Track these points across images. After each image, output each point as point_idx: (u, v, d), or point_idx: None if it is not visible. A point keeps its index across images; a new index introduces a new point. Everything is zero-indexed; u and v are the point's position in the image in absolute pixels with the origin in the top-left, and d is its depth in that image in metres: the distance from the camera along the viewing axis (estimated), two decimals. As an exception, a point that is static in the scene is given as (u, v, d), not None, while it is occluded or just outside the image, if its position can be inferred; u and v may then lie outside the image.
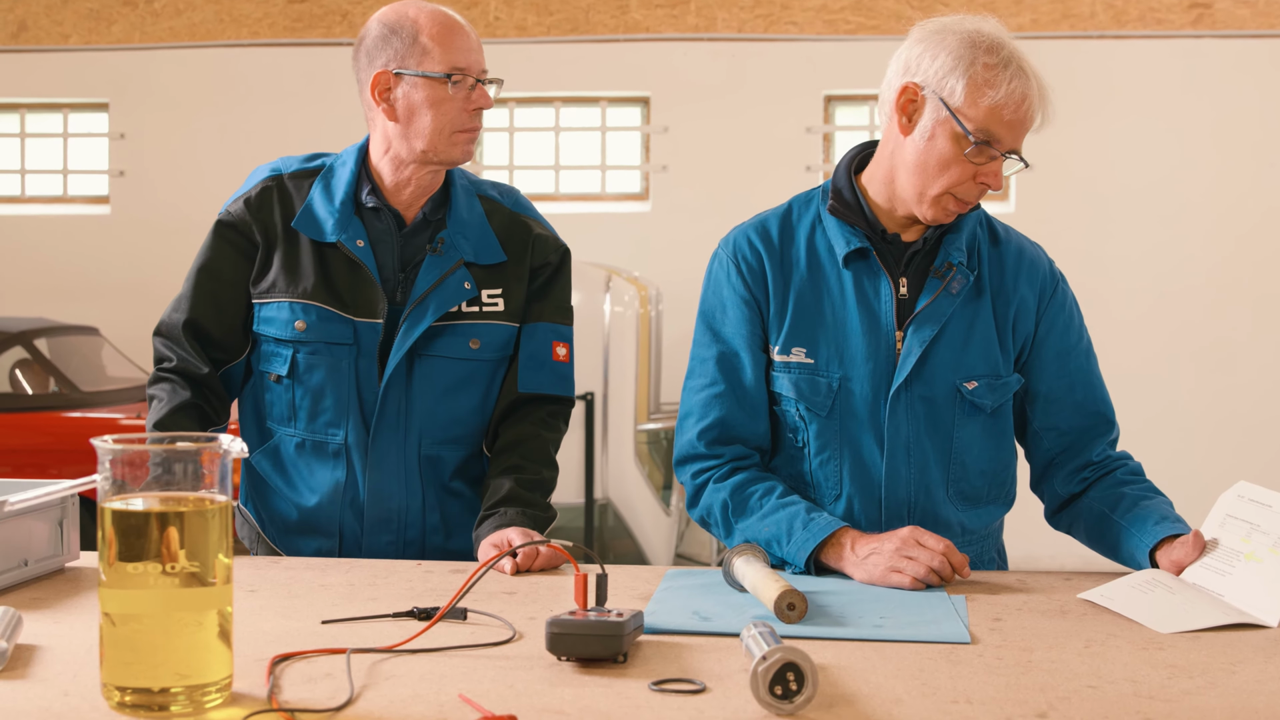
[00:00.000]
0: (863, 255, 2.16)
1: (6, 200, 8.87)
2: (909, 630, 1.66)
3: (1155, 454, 7.72)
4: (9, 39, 8.64)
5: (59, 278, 8.47)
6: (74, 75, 8.67)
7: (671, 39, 8.48)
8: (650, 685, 1.41)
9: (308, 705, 1.35)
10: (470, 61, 2.22)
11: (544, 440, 2.33)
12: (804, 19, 8.30)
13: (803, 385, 2.15)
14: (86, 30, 8.62)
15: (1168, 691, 1.41)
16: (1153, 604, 1.77)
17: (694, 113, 8.40)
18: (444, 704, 1.35)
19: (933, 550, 1.93)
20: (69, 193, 8.86)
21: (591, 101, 8.67)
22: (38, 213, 8.75)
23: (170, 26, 8.60)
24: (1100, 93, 8.09)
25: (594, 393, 6.54)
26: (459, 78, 2.20)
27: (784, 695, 1.32)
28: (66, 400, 6.34)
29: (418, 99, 2.21)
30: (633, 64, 8.49)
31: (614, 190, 8.70)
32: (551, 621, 1.50)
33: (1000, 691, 1.40)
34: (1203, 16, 8.05)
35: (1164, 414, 7.98)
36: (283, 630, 1.68)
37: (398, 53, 2.21)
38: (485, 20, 8.51)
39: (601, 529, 7.09)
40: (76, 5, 8.61)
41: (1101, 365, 2.28)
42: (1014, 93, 2.00)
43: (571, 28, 8.53)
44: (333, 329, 2.26)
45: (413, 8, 2.23)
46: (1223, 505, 1.91)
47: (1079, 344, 2.25)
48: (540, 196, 8.65)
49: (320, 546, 2.33)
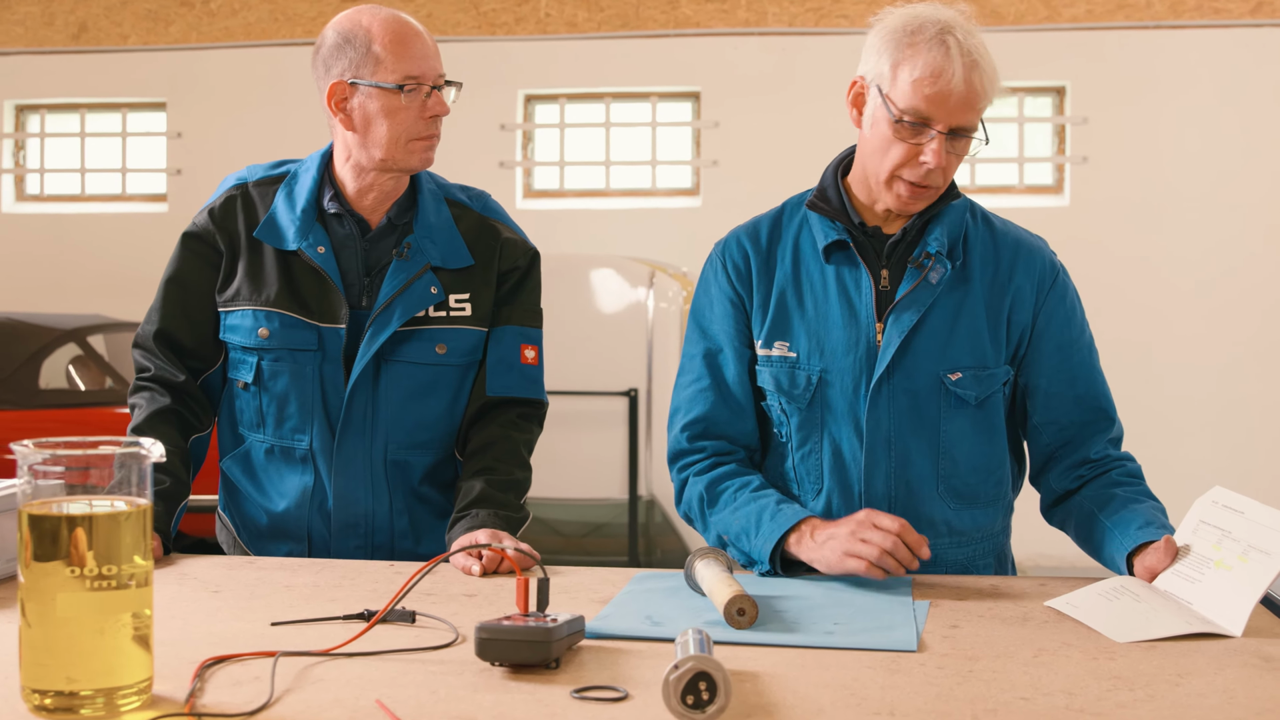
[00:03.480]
0: (843, 248, 2.15)
1: (67, 199, 9.03)
2: (858, 638, 1.63)
3: (1215, 454, 7.62)
4: (70, 40, 8.78)
5: (117, 275, 8.59)
6: (132, 75, 8.80)
7: (722, 34, 8.45)
8: (572, 693, 1.40)
9: (224, 709, 1.35)
10: (424, 69, 2.21)
11: (515, 442, 2.32)
12: (855, 12, 8.22)
13: (782, 378, 2.15)
14: (145, 31, 8.74)
15: (1102, 704, 1.37)
16: (1116, 612, 1.73)
17: (745, 107, 8.36)
18: (360, 709, 1.35)
19: (886, 531, 1.89)
20: (127, 191, 8.99)
21: (642, 97, 8.65)
22: (97, 211, 8.89)
23: (226, 26, 8.70)
24: (1156, 85, 7.95)
25: (637, 389, 6.52)
26: (412, 87, 2.20)
27: (696, 705, 1.30)
28: (120, 396, 6.43)
29: (373, 109, 2.21)
30: (683, 59, 8.47)
31: (664, 186, 8.68)
32: (480, 627, 1.49)
33: (928, 702, 1.37)
34: (1263, 5, 7.87)
35: (1225, 416, 7.83)
36: (233, 632, 1.68)
37: (352, 62, 2.21)
38: (536, 17, 8.52)
39: (647, 525, 7.07)
40: (135, 6, 8.73)
41: (1156, 364, 2.26)
42: (930, 65, 2.00)
43: (622, 23, 8.52)
44: (296, 335, 2.27)
45: (367, 15, 2.23)
46: (1197, 511, 1.86)
47: (1080, 338, 2.21)
48: (591, 192, 8.66)
49: (290, 551, 2.34)
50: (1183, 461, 7.73)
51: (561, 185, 8.74)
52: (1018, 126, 8.34)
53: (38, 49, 8.82)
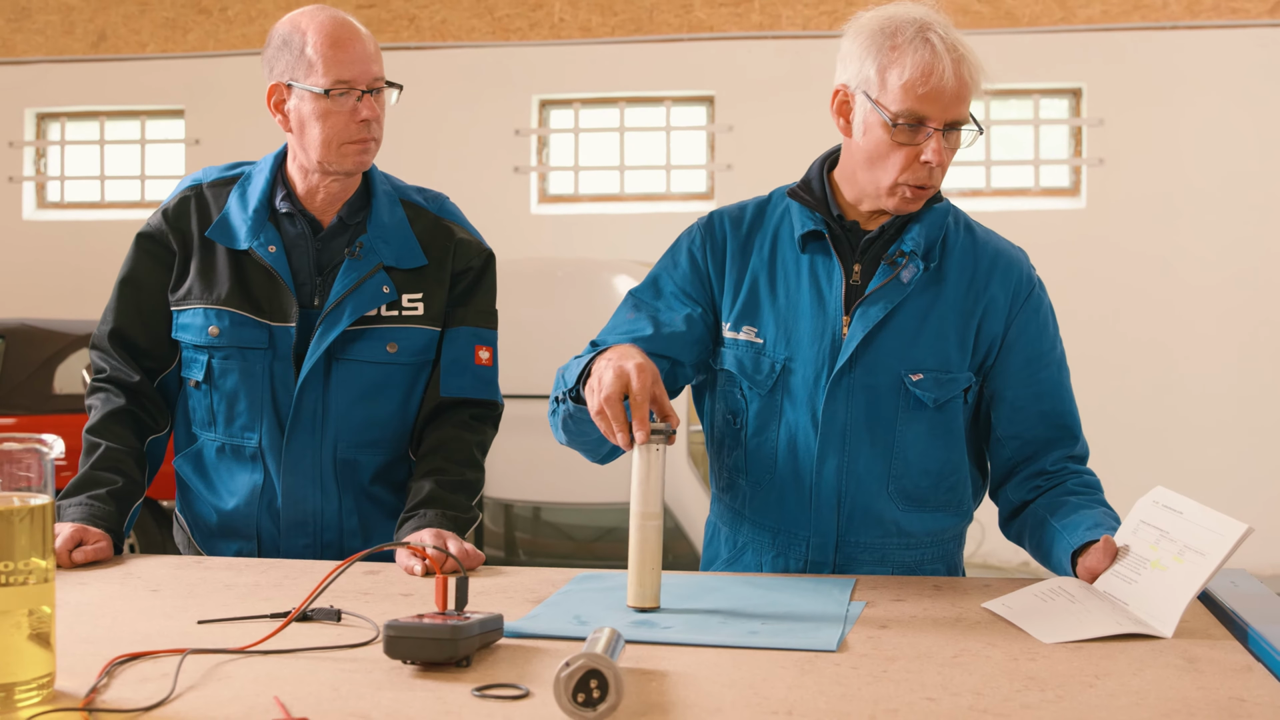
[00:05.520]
0: (818, 238, 2.14)
1: (86, 205, 9.11)
2: (779, 639, 1.61)
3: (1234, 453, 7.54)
4: (89, 48, 8.86)
5: (136, 281, 8.61)
6: (151, 83, 8.87)
7: (735, 37, 8.44)
8: (473, 690, 1.39)
9: (123, 705, 1.34)
10: (355, 73, 2.21)
11: (467, 442, 2.32)
12: (869, 15, 8.18)
13: (746, 362, 2.14)
14: (163, 39, 8.81)
15: (1008, 704, 1.35)
16: (1048, 613, 1.71)
17: (758, 111, 8.34)
18: (257, 705, 1.34)
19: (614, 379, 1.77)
20: (146, 198, 9.06)
21: (656, 101, 8.65)
22: (116, 217, 8.96)
23: (243, 34, 8.76)
24: (1173, 86, 7.89)
25: (649, 394, 6.50)
26: (341, 91, 2.20)
27: (586, 703, 1.29)
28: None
29: (306, 111, 2.22)
30: (697, 63, 8.46)
31: (679, 190, 8.68)
32: (388, 625, 1.48)
33: (830, 703, 1.35)
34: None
35: (1243, 415, 7.75)
36: (159, 630, 1.67)
37: (288, 65, 2.22)
38: (550, 22, 8.53)
39: (659, 530, 7.06)
40: (153, 14, 8.80)
41: (1175, 366, 2.23)
42: (919, 65, 1.97)
43: (635, 28, 8.52)
44: (246, 334, 2.27)
45: (306, 17, 2.23)
46: (1138, 511, 1.84)
47: (1050, 353, 2.18)
48: (605, 197, 8.66)
49: (240, 549, 2.34)
50: (1202, 461, 7.66)
51: (576, 190, 8.75)
52: (1034, 129, 8.29)
53: (58, 57, 8.90)
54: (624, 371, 1.77)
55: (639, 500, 1.77)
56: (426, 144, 8.48)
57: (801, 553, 2.13)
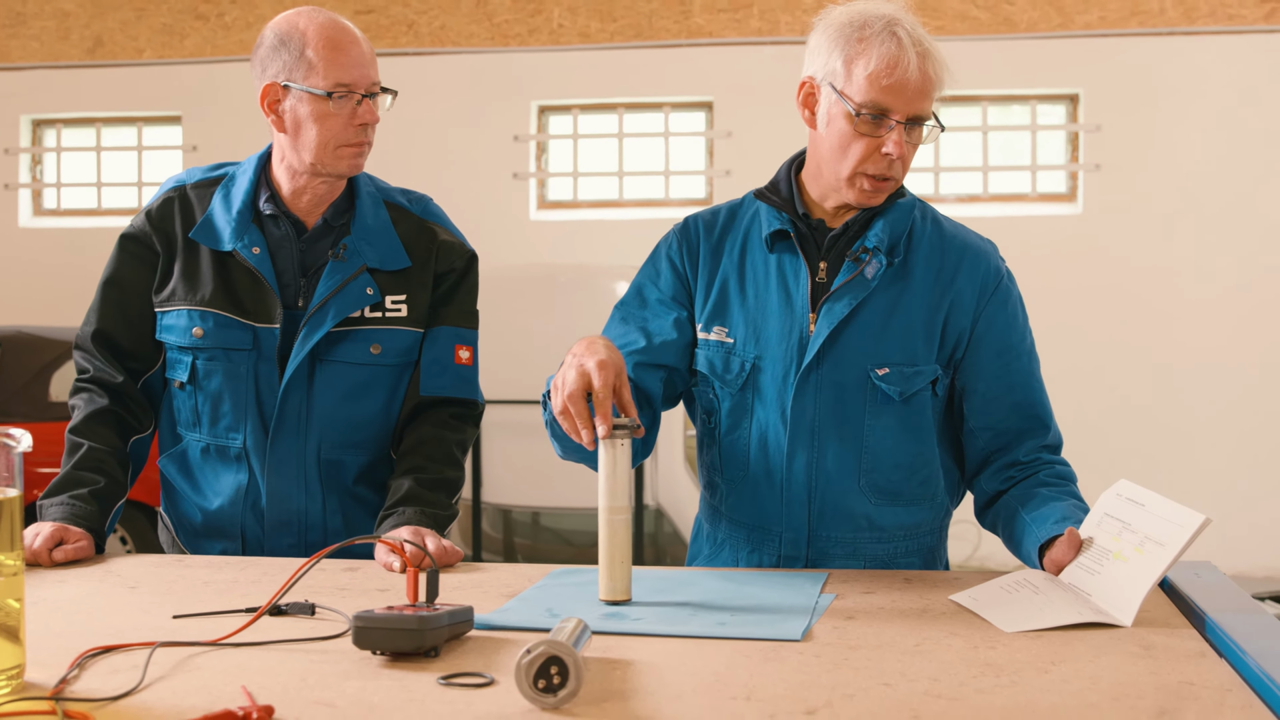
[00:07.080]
0: (784, 238, 2.18)
1: (83, 213, 9.12)
2: (745, 629, 1.63)
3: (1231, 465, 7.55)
4: (85, 54, 8.88)
5: (135, 288, 8.64)
6: (148, 89, 8.88)
7: (734, 43, 8.46)
8: (438, 679, 1.41)
9: (91, 695, 1.36)
10: (355, 77, 2.22)
11: (446, 441, 2.34)
12: (864, 20, 8.20)
13: (717, 362, 2.18)
14: (160, 45, 8.84)
15: (961, 690, 1.37)
16: (1012, 604, 1.73)
17: (758, 117, 8.35)
18: (224, 695, 1.36)
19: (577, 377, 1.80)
20: (142, 205, 9.06)
21: (655, 107, 8.67)
22: (113, 225, 8.96)
23: (241, 39, 8.78)
24: (1169, 91, 7.90)
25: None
26: (342, 94, 2.22)
27: (547, 689, 1.31)
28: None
29: (303, 113, 2.23)
30: (696, 69, 8.48)
31: (678, 196, 8.69)
32: (357, 616, 1.50)
33: (789, 689, 1.37)
34: (1277, 10, 7.81)
35: (1241, 426, 7.75)
36: (134, 625, 1.69)
37: (285, 65, 2.23)
38: (549, 28, 8.56)
39: (656, 534, 7.08)
40: (150, 20, 8.83)
41: (1170, 373, 2.24)
42: (884, 57, 2.01)
43: (635, 33, 8.54)
44: (230, 335, 2.29)
45: (304, 18, 2.24)
46: (1102, 504, 1.86)
47: (1020, 344, 2.20)
48: (604, 203, 8.68)
49: (225, 549, 2.36)
50: (1200, 473, 7.67)
51: (575, 196, 8.77)
52: (1030, 134, 8.30)
53: (54, 63, 8.92)
54: (585, 370, 1.80)
55: (606, 495, 1.79)
56: (425, 150, 8.51)
57: (775, 548, 2.16)
